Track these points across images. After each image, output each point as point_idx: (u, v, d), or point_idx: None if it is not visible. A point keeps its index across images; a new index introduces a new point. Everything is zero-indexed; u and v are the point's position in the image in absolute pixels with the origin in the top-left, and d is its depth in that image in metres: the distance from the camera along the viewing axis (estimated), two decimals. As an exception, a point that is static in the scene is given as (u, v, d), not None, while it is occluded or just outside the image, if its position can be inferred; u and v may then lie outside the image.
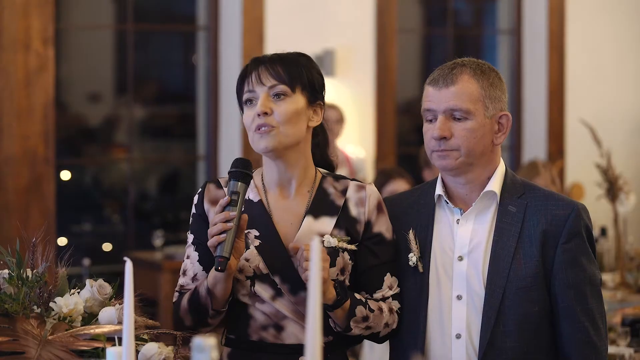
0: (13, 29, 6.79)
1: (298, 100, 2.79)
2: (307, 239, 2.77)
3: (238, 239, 2.67)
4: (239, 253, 2.71)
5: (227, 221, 2.64)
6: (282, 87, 2.77)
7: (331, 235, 2.80)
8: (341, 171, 7.29)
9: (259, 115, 2.76)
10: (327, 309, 2.74)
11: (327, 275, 2.70)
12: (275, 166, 2.84)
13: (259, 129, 2.77)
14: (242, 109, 2.85)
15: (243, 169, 2.71)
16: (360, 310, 2.78)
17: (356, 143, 7.86)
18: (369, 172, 7.76)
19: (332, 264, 2.77)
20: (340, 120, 7.56)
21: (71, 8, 8.37)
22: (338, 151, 7.57)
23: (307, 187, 2.86)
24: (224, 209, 2.67)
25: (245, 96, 2.81)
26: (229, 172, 2.73)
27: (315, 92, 2.84)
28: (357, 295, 2.81)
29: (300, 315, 2.78)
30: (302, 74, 2.81)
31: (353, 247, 2.82)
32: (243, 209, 2.69)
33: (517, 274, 2.80)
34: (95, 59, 8.75)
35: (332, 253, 2.77)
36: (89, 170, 8.81)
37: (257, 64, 2.81)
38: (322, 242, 2.77)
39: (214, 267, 2.68)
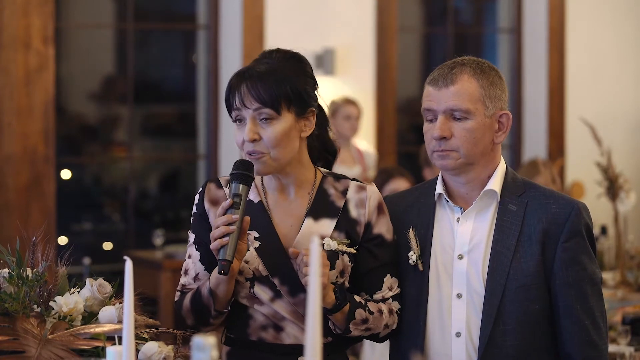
0: (13, 28, 6.79)
1: (285, 120, 2.74)
2: (307, 241, 2.76)
3: (240, 240, 2.67)
4: (241, 255, 2.70)
5: (229, 224, 2.64)
6: (266, 111, 2.72)
7: (331, 237, 2.79)
8: (355, 169, 7.34)
9: (247, 141, 2.73)
10: (327, 313, 2.74)
11: (327, 280, 2.70)
12: (272, 175, 2.83)
13: (250, 155, 2.75)
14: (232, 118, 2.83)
15: (245, 171, 2.70)
16: (359, 313, 2.77)
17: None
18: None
19: (332, 267, 2.76)
20: (359, 116, 7.60)
21: (71, 7, 8.37)
22: (352, 148, 7.58)
23: (307, 188, 2.85)
24: (226, 211, 2.67)
25: (233, 114, 2.77)
26: (231, 174, 2.72)
27: (303, 103, 2.77)
28: (357, 298, 2.80)
29: (299, 317, 2.78)
30: (286, 90, 2.73)
31: (353, 250, 2.81)
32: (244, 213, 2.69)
33: (518, 272, 2.80)
34: (96, 58, 8.75)
35: (332, 256, 2.76)
36: (89, 169, 8.81)
37: (240, 81, 2.74)
38: (322, 245, 2.76)
39: (216, 270, 2.67)
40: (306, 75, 2.81)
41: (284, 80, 2.73)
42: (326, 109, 2.98)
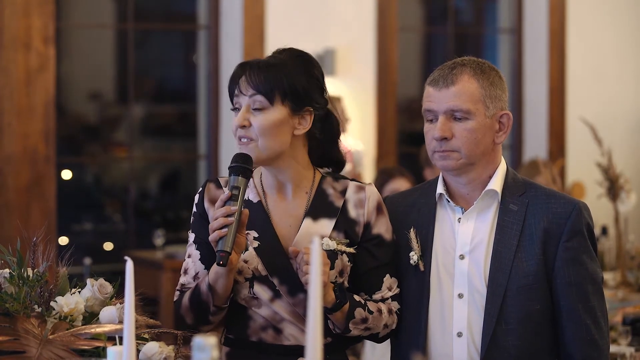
0: (14, 28, 6.79)
1: (277, 111, 2.75)
2: (305, 241, 2.76)
3: (239, 233, 2.67)
4: (240, 248, 2.70)
5: (228, 216, 2.64)
6: (259, 98, 2.75)
7: (330, 237, 2.79)
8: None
9: (238, 126, 2.77)
10: (326, 312, 2.74)
11: (327, 279, 2.70)
12: (268, 171, 2.84)
13: (240, 140, 2.78)
14: None
15: (243, 164, 2.71)
16: (359, 313, 2.78)
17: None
18: (368, 169, 7.75)
19: (331, 267, 2.76)
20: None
21: (72, 7, 8.37)
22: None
23: (306, 188, 2.85)
24: (224, 203, 2.67)
25: (233, 102, 2.81)
26: (229, 167, 2.73)
27: (300, 100, 2.78)
28: (356, 297, 2.81)
29: (298, 317, 2.78)
30: (283, 83, 2.75)
31: (352, 250, 2.81)
32: (243, 207, 2.69)
33: (519, 272, 2.80)
34: (96, 58, 8.75)
35: (331, 256, 2.77)
36: (90, 169, 8.82)
37: (243, 69, 2.79)
38: (321, 244, 2.76)
39: (215, 263, 2.68)
40: (310, 75, 2.82)
41: (283, 74, 2.76)
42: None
